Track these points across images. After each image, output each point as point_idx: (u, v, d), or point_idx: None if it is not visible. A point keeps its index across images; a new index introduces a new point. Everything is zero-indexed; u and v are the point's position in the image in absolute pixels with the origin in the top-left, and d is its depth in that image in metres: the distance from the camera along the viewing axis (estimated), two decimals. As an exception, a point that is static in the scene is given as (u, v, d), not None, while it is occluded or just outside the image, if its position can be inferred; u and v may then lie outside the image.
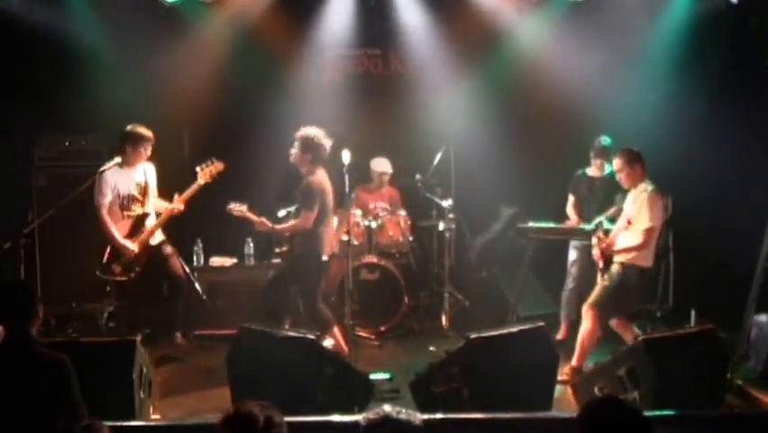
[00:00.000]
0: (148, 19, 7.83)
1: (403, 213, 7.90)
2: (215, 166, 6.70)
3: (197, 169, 6.71)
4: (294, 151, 6.41)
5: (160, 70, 7.92)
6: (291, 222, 6.58)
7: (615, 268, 6.08)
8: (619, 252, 6.08)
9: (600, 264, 6.23)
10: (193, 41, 8.01)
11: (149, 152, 6.75)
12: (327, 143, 6.37)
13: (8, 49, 7.57)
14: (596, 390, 5.22)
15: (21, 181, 7.64)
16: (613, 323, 6.25)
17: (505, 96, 8.25)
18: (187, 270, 7.30)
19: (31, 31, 7.57)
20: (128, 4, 7.81)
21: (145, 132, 6.70)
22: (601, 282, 6.16)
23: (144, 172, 6.79)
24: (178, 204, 6.71)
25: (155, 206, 6.86)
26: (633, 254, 6.02)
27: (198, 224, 7.46)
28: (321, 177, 6.41)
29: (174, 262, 6.85)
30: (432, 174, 7.93)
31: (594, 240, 6.27)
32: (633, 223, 6.01)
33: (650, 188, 6.03)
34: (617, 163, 6.17)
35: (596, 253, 6.28)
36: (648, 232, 5.95)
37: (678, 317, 7.48)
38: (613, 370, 5.24)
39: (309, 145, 6.35)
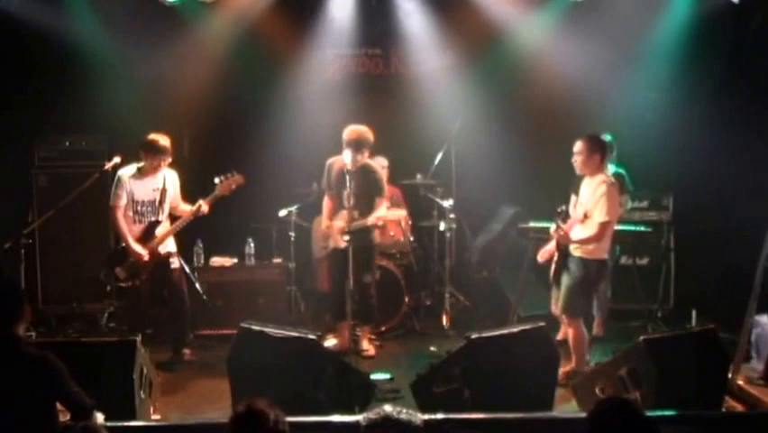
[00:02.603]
0: (148, 19, 7.84)
1: (404, 213, 7.90)
2: (235, 179, 6.60)
3: (216, 180, 6.59)
4: (360, 156, 6.54)
5: (161, 70, 7.93)
6: (378, 212, 6.74)
7: (574, 264, 5.96)
8: (576, 243, 5.95)
9: (556, 257, 6.08)
10: (193, 41, 8.01)
11: (166, 164, 6.59)
12: None
13: (8, 49, 7.56)
14: (597, 390, 5.22)
15: (21, 182, 7.65)
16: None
17: (506, 95, 8.24)
18: (188, 270, 7.31)
19: (31, 31, 7.56)
20: (128, 4, 7.83)
21: (164, 145, 6.51)
22: (565, 284, 6.03)
23: (163, 178, 6.61)
24: (204, 205, 6.57)
25: (180, 210, 6.72)
26: (591, 247, 5.92)
27: (199, 224, 7.44)
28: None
29: (179, 279, 6.71)
30: (433, 174, 7.94)
31: (553, 231, 6.09)
32: (589, 216, 5.91)
33: (609, 181, 5.97)
34: (578, 146, 6.07)
35: (550, 248, 6.16)
36: (604, 226, 5.84)
37: (679, 317, 7.49)
38: (614, 370, 5.23)
39: (370, 144, 6.63)
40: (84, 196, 6.65)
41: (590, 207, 5.91)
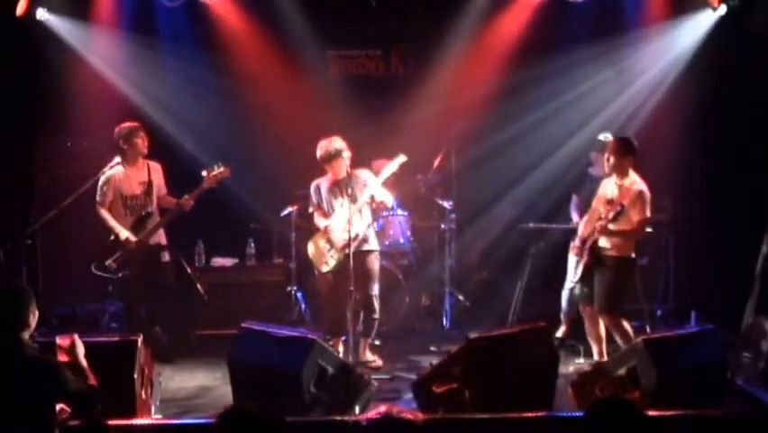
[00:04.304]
0: (148, 18, 7.88)
1: (404, 213, 7.89)
2: (221, 172, 6.69)
3: (203, 173, 6.69)
4: (347, 161, 6.43)
5: (161, 70, 7.96)
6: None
7: (611, 263, 6.04)
8: (616, 243, 6.03)
9: (584, 260, 6.15)
10: (193, 41, 8.03)
11: (145, 142, 6.74)
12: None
13: (10, 49, 7.57)
14: (596, 390, 5.22)
15: (23, 182, 7.66)
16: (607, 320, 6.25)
17: (506, 95, 8.24)
18: (189, 270, 7.33)
19: (34, 32, 7.58)
20: (129, 5, 7.86)
21: (130, 123, 6.77)
22: (604, 284, 6.08)
23: (148, 171, 6.78)
24: (187, 200, 6.68)
25: (163, 202, 6.84)
26: (626, 245, 6.04)
27: (200, 224, 7.47)
28: None
29: (170, 272, 6.85)
30: (433, 174, 7.94)
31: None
32: (627, 214, 5.96)
33: (638, 179, 6.09)
34: (610, 148, 6.16)
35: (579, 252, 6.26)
36: (644, 223, 6.02)
37: (678, 317, 7.50)
38: (614, 370, 5.25)
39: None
40: (85, 196, 6.67)
41: (627, 206, 5.97)
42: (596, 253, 6.10)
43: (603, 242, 6.08)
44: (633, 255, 6.15)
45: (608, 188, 6.21)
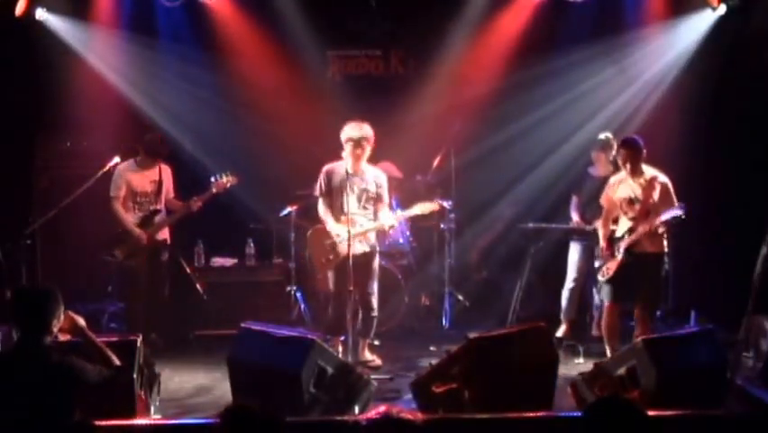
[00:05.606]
0: (148, 19, 7.88)
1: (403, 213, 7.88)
2: (229, 180, 6.92)
3: (212, 179, 6.90)
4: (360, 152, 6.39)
5: (160, 70, 7.96)
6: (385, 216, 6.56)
7: (657, 261, 6.12)
8: (654, 240, 6.08)
9: (616, 261, 6.14)
10: (192, 42, 8.04)
11: (158, 161, 7.00)
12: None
13: (10, 49, 7.57)
14: (596, 390, 5.22)
15: (23, 182, 7.67)
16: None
17: (506, 95, 8.24)
18: (188, 270, 7.34)
19: (32, 31, 7.59)
20: (129, 5, 7.86)
21: (158, 135, 7.12)
22: (653, 284, 6.16)
23: (159, 171, 7.01)
24: (195, 202, 6.91)
25: (170, 204, 7.05)
26: (663, 239, 6.11)
27: (200, 224, 7.47)
28: None
29: (164, 268, 7.07)
30: (432, 174, 7.94)
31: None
32: (657, 210, 6.03)
33: (655, 171, 6.13)
34: (623, 154, 6.15)
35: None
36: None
37: (678, 317, 7.50)
38: (613, 370, 5.25)
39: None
40: (84, 196, 6.69)
41: (656, 203, 6.06)
42: (632, 253, 6.11)
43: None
44: (666, 249, 6.23)
45: (624, 188, 6.21)
